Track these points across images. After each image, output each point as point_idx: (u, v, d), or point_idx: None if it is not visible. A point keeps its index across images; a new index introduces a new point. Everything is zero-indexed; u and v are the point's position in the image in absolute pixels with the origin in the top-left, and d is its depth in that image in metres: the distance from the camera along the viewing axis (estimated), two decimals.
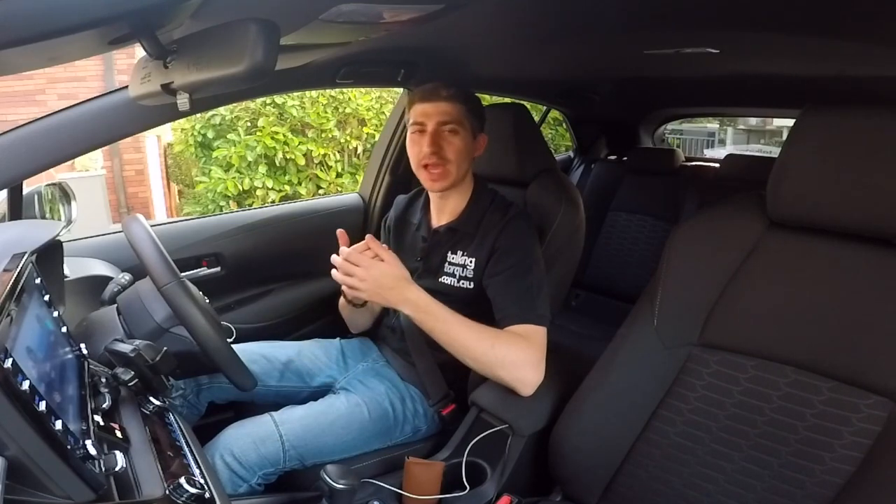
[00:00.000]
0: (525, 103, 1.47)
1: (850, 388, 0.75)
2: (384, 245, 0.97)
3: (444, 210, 1.16)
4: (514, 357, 0.97)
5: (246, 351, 1.17)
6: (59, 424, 0.56)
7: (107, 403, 0.75)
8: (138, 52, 0.77)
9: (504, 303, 1.03)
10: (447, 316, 0.97)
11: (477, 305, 1.11)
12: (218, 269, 1.47)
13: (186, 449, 0.76)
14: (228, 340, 0.96)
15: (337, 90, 4.10)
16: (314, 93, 4.15)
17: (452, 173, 1.09)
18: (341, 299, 1.24)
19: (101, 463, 0.60)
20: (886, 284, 0.75)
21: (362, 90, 4.27)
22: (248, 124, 4.16)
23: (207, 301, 1.07)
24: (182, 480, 0.63)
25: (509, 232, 1.08)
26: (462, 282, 1.12)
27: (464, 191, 1.15)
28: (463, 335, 0.97)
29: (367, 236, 0.97)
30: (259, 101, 4.05)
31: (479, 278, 1.10)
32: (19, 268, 0.70)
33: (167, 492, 0.62)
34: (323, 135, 4.26)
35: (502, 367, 0.97)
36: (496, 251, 1.08)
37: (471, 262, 1.12)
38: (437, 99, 1.08)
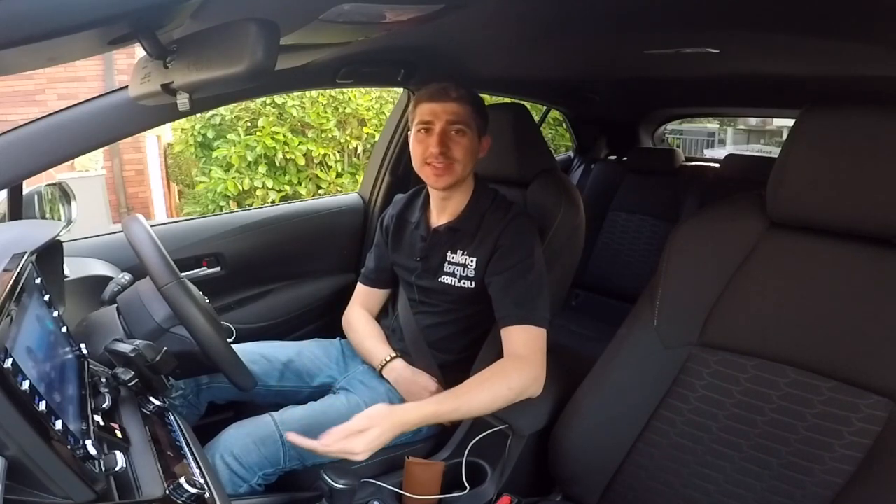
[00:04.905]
0: (525, 103, 1.47)
1: (850, 388, 0.75)
2: (352, 422, 0.86)
3: (444, 209, 1.16)
4: (526, 382, 0.97)
5: (246, 351, 1.17)
6: (59, 424, 0.56)
7: (107, 403, 0.75)
8: (138, 52, 0.77)
9: (505, 303, 1.03)
10: (454, 401, 0.93)
11: (478, 304, 1.12)
12: (218, 269, 1.47)
13: (186, 449, 0.76)
14: (228, 340, 0.97)
15: (337, 90, 4.10)
16: (314, 93, 4.14)
17: (458, 172, 1.09)
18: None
19: (101, 463, 0.60)
20: (887, 284, 0.75)
21: (362, 90, 4.27)
22: (248, 124, 4.15)
23: (207, 301, 1.07)
24: (182, 480, 0.63)
25: (512, 230, 1.08)
26: (463, 281, 1.12)
27: (465, 190, 1.15)
28: (481, 401, 0.94)
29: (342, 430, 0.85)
30: (259, 101, 4.04)
31: (481, 277, 1.10)
32: (19, 268, 0.70)
33: (167, 492, 0.62)
34: (323, 135, 4.25)
35: (519, 396, 0.97)
36: (498, 249, 1.08)
37: (472, 261, 1.11)
38: (447, 99, 1.07)
